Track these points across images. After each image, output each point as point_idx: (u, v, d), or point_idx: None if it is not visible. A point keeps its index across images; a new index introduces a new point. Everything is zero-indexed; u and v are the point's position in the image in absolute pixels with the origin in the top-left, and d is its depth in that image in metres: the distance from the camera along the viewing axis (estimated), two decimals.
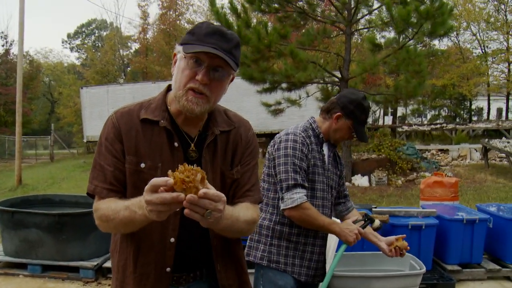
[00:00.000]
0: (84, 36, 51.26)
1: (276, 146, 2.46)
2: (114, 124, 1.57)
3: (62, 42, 53.86)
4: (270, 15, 13.00)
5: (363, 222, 2.54)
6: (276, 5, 11.55)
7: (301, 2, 12.10)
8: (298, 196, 2.32)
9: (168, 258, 1.57)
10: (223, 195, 1.29)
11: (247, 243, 2.58)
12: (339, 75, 11.57)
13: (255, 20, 13.88)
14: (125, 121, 1.57)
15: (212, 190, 1.25)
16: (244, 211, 1.57)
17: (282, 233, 2.46)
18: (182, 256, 1.60)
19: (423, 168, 13.07)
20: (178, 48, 1.54)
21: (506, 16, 25.48)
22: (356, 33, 16.71)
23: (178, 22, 33.06)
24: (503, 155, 13.63)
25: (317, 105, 13.08)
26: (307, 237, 2.47)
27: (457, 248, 4.80)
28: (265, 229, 2.49)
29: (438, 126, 22.21)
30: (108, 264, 4.81)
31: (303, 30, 13.22)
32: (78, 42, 50.90)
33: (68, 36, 51.39)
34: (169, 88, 1.67)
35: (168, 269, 1.58)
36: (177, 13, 32.85)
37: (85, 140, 22.36)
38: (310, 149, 2.45)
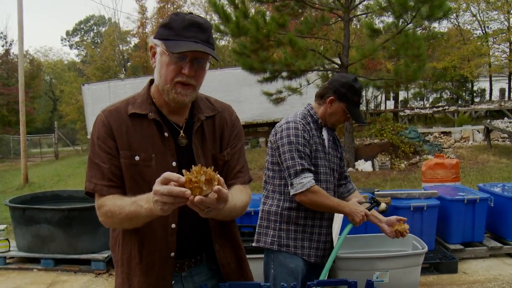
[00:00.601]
0: (83, 33, 51.20)
1: (278, 135, 2.53)
2: (104, 122, 1.62)
3: (61, 40, 54.13)
4: (268, 4, 13.01)
5: (369, 204, 2.63)
6: None
7: None
8: (307, 180, 2.40)
9: (171, 244, 1.64)
10: (227, 196, 1.35)
11: (256, 230, 2.67)
12: (339, 62, 11.59)
13: (253, 10, 13.86)
14: (115, 118, 1.62)
15: (221, 191, 1.31)
16: (239, 196, 1.65)
17: (290, 218, 2.54)
18: (183, 241, 1.67)
19: (426, 151, 13.12)
20: (156, 42, 1.58)
21: None
22: (354, 19, 16.67)
23: None
24: (506, 135, 13.67)
25: None
26: (314, 220, 2.56)
27: (459, 227, 4.89)
28: (273, 215, 2.57)
29: (440, 109, 22.18)
30: None
31: (301, 19, 13.21)
32: (77, 39, 50.82)
33: (67, 33, 51.40)
34: (151, 82, 1.73)
35: (172, 254, 1.65)
36: (175, 6, 32.73)
37: (88, 137, 22.44)
38: (311, 135, 2.52)
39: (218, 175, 1.33)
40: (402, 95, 29.43)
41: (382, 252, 3.78)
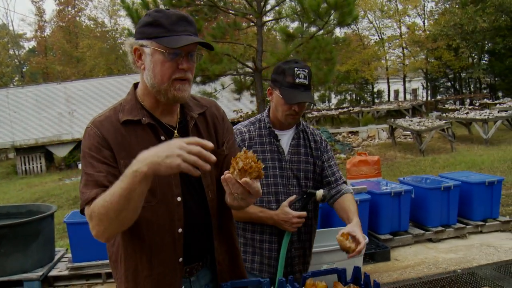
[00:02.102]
0: None
1: None
2: (96, 133, 1.54)
3: None
4: (182, 9, 12.93)
5: (299, 202, 2.32)
6: None
7: None
8: None
9: (178, 249, 1.61)
10: (257, 192, 1.42)
11: None
12: (253, 66, 11.84)
13: None
14: (107, 128, 1.55)
15: (254, 184, 1.39)
16: None
17: (237, 230, 2.37)
18: (189, 245, 1.65)
19: (338, 150, 13.85)
20: (142, 42, 1.52)
21: (397, 5, 27.51)
22: (269, 24, 17.11)
23: (78, 19, 31.48)
24: (407, 133, 14.84)
25: (233, 97, 13.38)
26: (262, 234, 2.36)
27: (387, 218, 5.26)
28: None
29: (346, 109, 23.50)
30: (54, 272, 4.66)
31: (214, 24, 13.32)
32: None
33: None
34: (135, 86, 1.68)
35: (180, 260, 1.62)
36: (76, 9, 31.25)
37: None
38: (250, 143, 2.33)
39: (262, 171, 1.39)
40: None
41: (327, 246, 3.98)
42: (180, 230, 1.61)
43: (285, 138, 2.38)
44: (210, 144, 1.33)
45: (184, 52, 1.51)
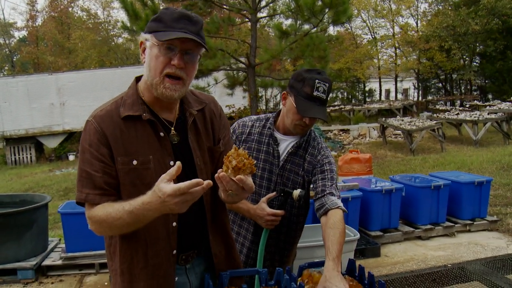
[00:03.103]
0: None
1: None
2: (96, 128, 1.56)
3: None
4: (177, 3, 12.91)
5: (277, 200, 2.30)
6: None
7: None
8: None
9: (172, 242, 1.65)
10: (251, 188, 1.50)
11: None
12: (247, 62, 11.87)
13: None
14: (107, 124, 1.57)
15: (247, 181, 1.46)
16: None
17: None
18: (184, 237, 1.69)
19: (330, 148, 13.94)
20: (146, 36, 1.56)
21: (390, 5, 27.65)
22: (262, 20, 17.16)
23: (71, 9, 31.22)
24: (398, 132, 14.98)
25: (225, 92, 13.41)
26: (240, 227, 2.42)
27: (378, 215, 5.34)
28: None
29: (337, 107, 23.60)
30: (47, 262, 4.68)
31: (208, 18, 13.32)
32: None
33: None
34: (137, 80, 1.70)
35: (174, 252, 1.67)
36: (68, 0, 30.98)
37: None
38: (248, 138, 2.35)
39: (254, 167, 1.44)
40: None
41: (317, 241, 4.05)
42: (174, 224, 1.65)
43: (285, 144, 2.35)
44: (193, 182, 1.35)
45: (179, 48, 1.52)
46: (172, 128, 1.67)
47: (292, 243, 2.52)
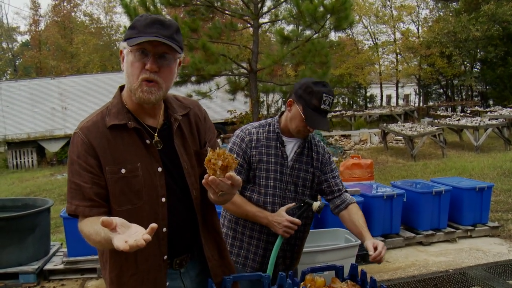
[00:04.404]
0: None
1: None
2: (83, 140, 1.59)
3: None
4: (179, 8, 12.99)
5: (297, 210, 2.42)
6: None
7: None
8: None
9: (163, 247, 1.67)
10: (240, 183, 1.50)
11: None
12: (248, 67, 11.90)
13: (163, 13, 13.72)
14: (94, 135, 1.60)
15: (235, 176, 1.46)
16: None
17: (229, 222, 2.52)
18: (175, 242, 1.71)
19: (330, 153, 13.96)
20: (123, 45, 1.60)
21: (392, 11, 27.74)
22: (264, 26, 17.21)
23: (73, 14, 31.34)
24: (399, 137, 14.99)
25: (227, 97, 13.43)
26: (252, 231, 2.46)
27: (379, 221, 5.35)
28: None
29: (338, 113, 23.62)
30: (49, 266, 4.69)
31: (210, 24, 13.37)
32: None
33: None
34: (121, 89, 1.73)
35: (165, 257, 1.68)
36: (71, 4, 31.10)
37: None
38: (255, 145, 2.42)
39: (235, 159, 1.46)
40: None
41: (319, 246, 4.06)
42: (164, 229, 1.67)
43: (291, 145, 2.49)
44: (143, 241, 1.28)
45: (152, 53, 1.54)
46: (156, 134, 1.69)
47: (301, 245, 2.66)
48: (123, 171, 1.59)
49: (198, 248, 1.82)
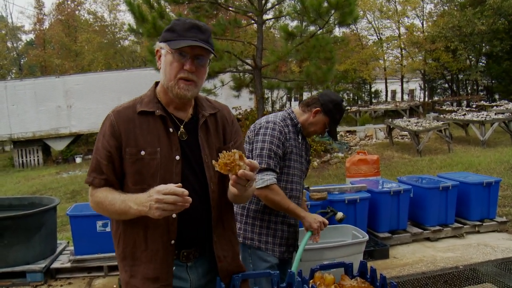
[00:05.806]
0: None
1: (255, 132, 2.65)
2: (112, 122, 1.75)
3: None
4: (183, 5, 12.96)
5: (326, 213, 2.89)
6: None
7: None
8: (268, 177, 2.51)
9: (171, 232, 1.74)
10: (256, 165, 1.61)
11: None
12: (253, 64, 11.87)
13: (167, 11, 13.68)
14: (123, 119, 1.75)
15: (252, 163, 1.59)
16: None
17: (256, 212, 2.66)
18: (184, 231, 1.76)
19: (336, 149, 13.92)
20: (161, 45, 1.74)
21: (396, 6, 27.59)
22: (268, 22, 17.14)
23: (77, 12, 31.37)
24: (405, 133, 14.93)
25: (232, 94, 13.41)
26: (277, 216, 2.68)
27: (386, 217, 5.32)
28: (240, 208, 2.70)
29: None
30: (56, 264, 4.70)
31: (214, 20, 13.33)
32: None
33: None
34: (156, 84, 1.87)
35: (172, 242, 1.74)
36: (75, 3, 31.14)
37: None
38: (287, 137, 2.65)
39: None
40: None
41: (326, 243, 4.04)
42: (174, 215, 1.72)
43: (301, 139, 2.82)
44: (185, 192, 1.52)
45: (190, 55, 1.69)
46: (182, 126, 1.80)
47: None
48: (142, 153, 1.72)
49: (209, 245, 1.83)
